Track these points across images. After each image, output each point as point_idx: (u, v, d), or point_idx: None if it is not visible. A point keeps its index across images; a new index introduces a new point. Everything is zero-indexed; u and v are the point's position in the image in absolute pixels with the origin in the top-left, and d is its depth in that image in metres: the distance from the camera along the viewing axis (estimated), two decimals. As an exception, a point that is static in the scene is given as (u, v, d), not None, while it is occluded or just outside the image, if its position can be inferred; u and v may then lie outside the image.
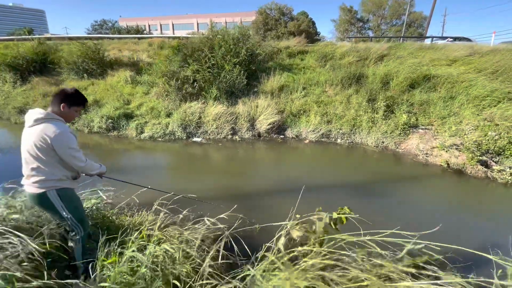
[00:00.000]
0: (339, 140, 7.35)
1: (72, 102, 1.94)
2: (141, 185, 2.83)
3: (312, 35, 27.41)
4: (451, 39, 15.84)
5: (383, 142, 6.91)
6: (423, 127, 6.86)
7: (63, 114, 1.93)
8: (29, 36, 14.11)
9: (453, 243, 1.53)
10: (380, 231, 1.65)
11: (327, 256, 1.63)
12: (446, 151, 5.89)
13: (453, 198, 4.68)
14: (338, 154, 6.72)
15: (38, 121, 1.82)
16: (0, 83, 11.25)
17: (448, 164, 5.69)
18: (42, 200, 1.90)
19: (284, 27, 26.37)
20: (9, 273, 1.62)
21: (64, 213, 1.95)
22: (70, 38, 14.34)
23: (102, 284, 1.78)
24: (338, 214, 1.78)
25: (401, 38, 17.50)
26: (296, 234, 1.77)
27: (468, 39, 15.39)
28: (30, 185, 1.87)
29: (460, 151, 5.74)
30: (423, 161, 6.07)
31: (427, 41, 15.66)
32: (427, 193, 4.73)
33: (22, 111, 9.60)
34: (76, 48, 10.65)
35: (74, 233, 2.06)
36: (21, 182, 1.95)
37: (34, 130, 1.81)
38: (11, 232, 1.92)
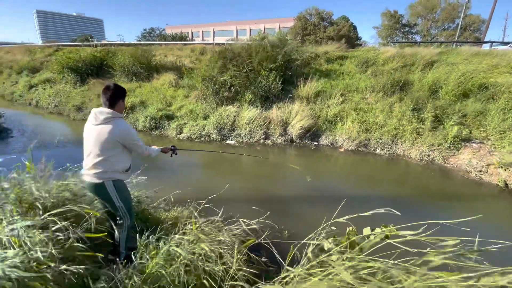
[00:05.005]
0: (378, 151, 6.94)
1: (123, 95, 2.17)
2: (213, 150, 3.04)
3: (352, 40, 26.48)
4: (515, 44, 14.15)
5: (428, 156, 6.35)
6: (477, 141, 6.18)
7: (120, 109, 2.14)
8: (100, 42, 15.93)
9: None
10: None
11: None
12: (505, 169, 5.22)
13: (512, 223, 4.12)
14: (377, 166, 6.34)
15: (107, 120, 2.02)
16: (63, 83, 12.80)
17: (506, 183, 5.05)
18: (100, 189, 2.10)
19: (323, 32, 25.85)
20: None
21: (117, 203, 2.15)
22: (123, 45, 15.81)
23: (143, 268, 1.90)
24: (382, 230, 1.67)
25: (454, 43, 16.08)
26: (327, 245, 1.69)
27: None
28: (91, 176, 2.07)
29: (523, 170, 5.06)
30: (476, 178, 5.45)
31: (485, 47, 14.18)
32: (482, 215, 4.22)
33: (79, 108, 10.77)
34: (130, 54, 11.71)
35: (122, 221, 2.24)
36: (81, 172, 2.18)
37: (104, 128, 2.00)
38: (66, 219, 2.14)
